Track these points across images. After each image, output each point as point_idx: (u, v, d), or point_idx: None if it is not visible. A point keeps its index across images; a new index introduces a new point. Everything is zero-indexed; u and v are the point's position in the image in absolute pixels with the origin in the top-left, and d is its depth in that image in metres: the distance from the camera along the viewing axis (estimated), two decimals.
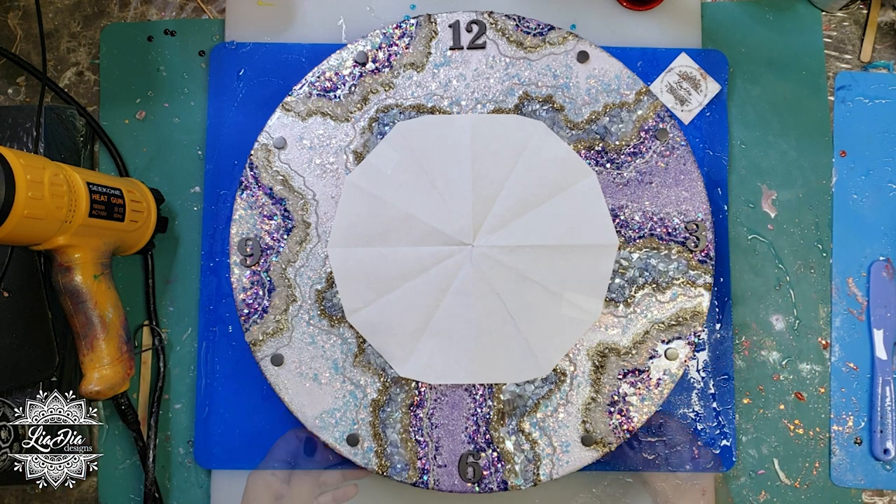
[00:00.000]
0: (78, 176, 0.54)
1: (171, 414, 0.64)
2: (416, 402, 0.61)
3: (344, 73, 0.64)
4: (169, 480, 0.64)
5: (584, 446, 0.60)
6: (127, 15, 0.70)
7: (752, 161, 0.67)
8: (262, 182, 0.63)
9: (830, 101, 0.68)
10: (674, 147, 0.63)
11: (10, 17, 0.70)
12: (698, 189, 0.63)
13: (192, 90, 0.68)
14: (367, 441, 0.60)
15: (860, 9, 0.70)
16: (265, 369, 0.61)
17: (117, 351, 0.58)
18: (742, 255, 0.66)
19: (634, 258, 0.62)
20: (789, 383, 0.65)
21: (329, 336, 0.61)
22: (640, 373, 0.60)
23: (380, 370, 0.61)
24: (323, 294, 0.62)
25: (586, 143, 0.63)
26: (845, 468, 0.63)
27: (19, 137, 0.64)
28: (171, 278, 0.66)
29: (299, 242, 0.62)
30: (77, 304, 0.56)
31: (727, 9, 0.69)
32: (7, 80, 0.69)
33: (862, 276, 0.66)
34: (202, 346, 0.64)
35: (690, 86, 0.67)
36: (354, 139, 0.63)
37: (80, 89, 0.69)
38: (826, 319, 0.66)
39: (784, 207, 0.67)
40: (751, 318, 0.65)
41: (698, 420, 0.63)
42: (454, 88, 0.64)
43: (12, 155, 0.49)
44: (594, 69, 0.64)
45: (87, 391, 0.57)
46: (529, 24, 0.64)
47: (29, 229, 0.50)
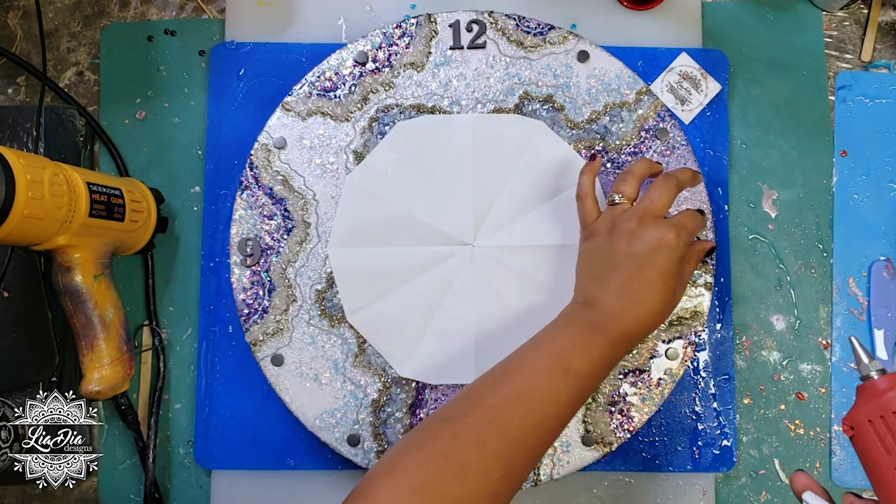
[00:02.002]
0: (78, 176, 0.54)
1: (171, 414, 0.64)
2: (417, 402, 0.61)
3: (344, 72, 0.64)
4: (169, 480, 0.64)
5: (584, 446, 0.59)
6: (127, 15, 0.70)
7: (752, 161, 0.67)
8: (263, 182, 0.63)
9: (831, 100, 0.68)
10: (674, 147, 0.63)
11: (10, 17, 0.70)
12: (699, 189, 0.63)
13: (192, 90, 0.68)
14: (368, 441, 0.60)
15: (861, 8, 0.70)
16: (265, 369, 0.61)
17: (117, 351, 0.58)
18: (743, 254, 0.66)
19: None
20: (790, 383, 0.65)
21: (329, 336, 0.61)
22: (640, 373, 0.60)
23: (380, 370, 0.61)
24: (323, 294, 0.62)
25: (587, 143, 0.63)
26: (846, 468, 0.63)
27: (19, 137, 0.64)
28: (171, 278, 0.66)
29: (299, 242, 0.62)
30: (77, 304, 0.56)
31: (728, 8, 0.69)
32: (7, 80, 0.69)
33: (863, 276, 0.66)
34: (202, 346, 0.64)
35: (691, 85, 0.67)
36: (354, 139, 0.63)
37: (80, 89, 0.69)
38: (827, 319, 0.66)
39: (785, 207, 0.67)
40: (751, 318, 0.65)
41: (698, 420, 0.63)
42: (454, 88, 0.64)
43: (12, 155, 0.49)
44: (594, 69, 0.64)
45: (87, 391, 0.57)
46: (530, 23, 0.64)
47: (29, 229, 0.50)
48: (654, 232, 0.51)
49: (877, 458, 0.38)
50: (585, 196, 0.57)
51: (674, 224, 0.52)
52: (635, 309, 0.50)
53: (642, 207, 0.53)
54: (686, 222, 0.52)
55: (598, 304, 0.51)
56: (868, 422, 0.39)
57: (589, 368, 0.49)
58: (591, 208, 0.56)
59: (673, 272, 0.51)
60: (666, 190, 0.53)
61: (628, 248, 0.51)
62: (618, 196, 0.55)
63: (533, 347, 0.51)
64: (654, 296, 0.50)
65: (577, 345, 0.49)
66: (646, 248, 0.50)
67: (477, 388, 0.49)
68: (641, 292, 0.50)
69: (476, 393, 0.49)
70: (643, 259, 0.50)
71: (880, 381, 0.40)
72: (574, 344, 0.49)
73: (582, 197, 0.57)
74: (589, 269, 0.54)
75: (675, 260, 0.51)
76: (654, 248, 0.50)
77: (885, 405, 0.39)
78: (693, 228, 0.53)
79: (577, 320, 0.51)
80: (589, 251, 0.55)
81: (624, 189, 0.55)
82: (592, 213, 0.56)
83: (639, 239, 0.51)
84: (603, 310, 0.50)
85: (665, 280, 0.50)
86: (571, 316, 0.52)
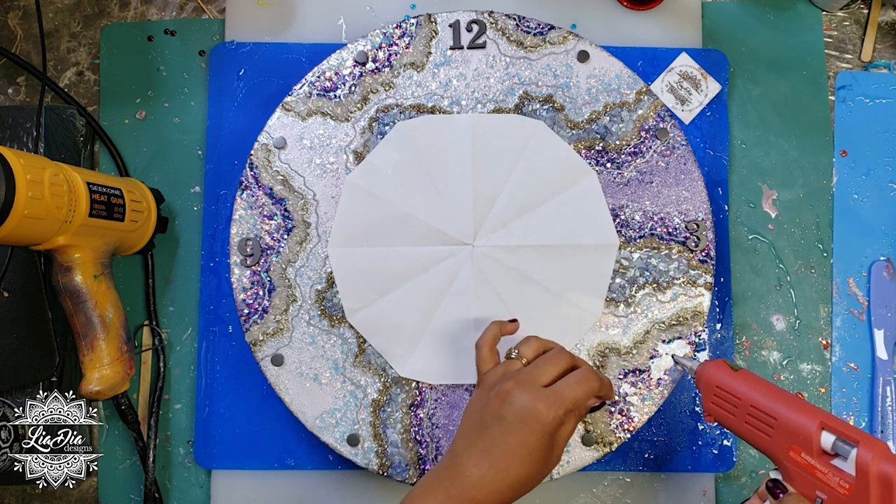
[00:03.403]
0: (78, 176, 0.54)
1: (171, 414, 0.64)
2: (417, 402, 0.61)
3: (344, 72, 0.64)
4: (169, 480, 0.64)
5: (584, 446, 0.59)
6: (127, 15, 0.70)
7: (752, 161, 0.67)
8: (262, 182, 0.63)
9: (831, 100, 0.68)
10: (674, 147, 0.63)
11: (10, 17, 0.70)
12: (699, 189, 0.63)
13: (192, 90, 0.68)
14: (368, 441, 0.60)
15: (861, 8, 0.70)
16: (265, 369, 0.61)
17: (117, 351, 0.58)
18: (743, 254, 0.66)
19: (635, 258, 0.62)
20: (790, 383, 0.65)
21: (329, 336, 0.61)
22: (640, 372, 0.60)
23: (380, 370, 0.61)
24: (323, 294, 0.62)
25: (587, 143, 0.63)
26: None
27: (19, 137, 0.64)
28: (171, 278, 0.66)
29: (299, 242, 0.62)
30: (77, 304, 0.56)
31: (728, 8, 0.69)
32: (7, 80, 0.69)
33: (862, 275, 0.66)
34: (202, 346, 0.64)
35: (691, 85, 0.67)
36: (354, 139, 0.63)
37: (80, 89, 0.69)
38: (827, 319, 0.66)
39: (785, 207, 0.67)
40: (751, 318, 0.65)
41: (698, 420, 0.63)
42: (454, 88, 0.64)
43: (12, 155, 0.49)
44: (594, 69, 0.64)
45: (87, 391, 0.57)
46: (530, 23, 0.64)
47: (29, 229, 0.50)
48: (525, 400, 0.47)
49: (730, 423, 0.49)
50: (483, 345, 0.53)
51: (550, 395, 0.47)
52: (494, 478, 0.46)
53: (525, 371, 0.49)
54: (568, 392, 0.47)
55: (459, 466, 0.47)
56: (712, 403, 0.50)
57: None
58: (486, 357, 0.53)
59: (539, 445, 0.46)
60: (555, 364, 0.49)
61: (499, 410, 0.47)
62: (515, 353, 0.52)
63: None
64: (516, 467, 0.46)
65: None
66: (513, 414, 0.47)
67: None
68: (503, 460, 0.46)
69: None
70: (508, 426, 0.47)
71: (701, 371, 0.51)
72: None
73: (480, 345, 0.54)
74: (465, 421, 0.50)
75: (543, 434, 0.46)
76: (521, 417, 0.47)
77: (710, 385, 0.50)
78: (578, 397, 0.47)
79: (433, 490, 0.47)
80: (471, 402, 0.51)
81: (524, 349, 0.51)
82: (487, 362, 0.53)
83: (509, 403, 0.47)
84: (462, 475, 0.47)
85: (528, 454, 0.46)
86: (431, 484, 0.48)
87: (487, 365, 0.53)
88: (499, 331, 0.55)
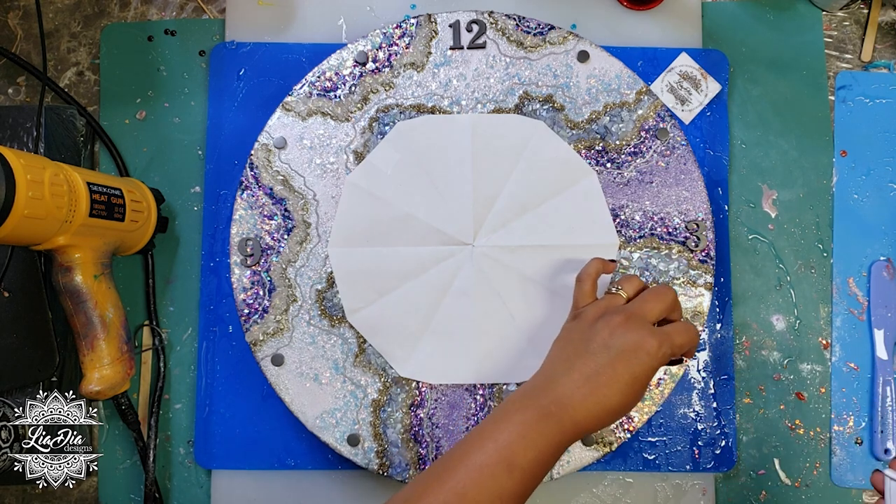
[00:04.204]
0: (78, 176, 0.54)
1: (171, 414, 0.64)
2: (417, 402, 0.61)
3: (344, 72, 0.64)
4: (169, 480, 0.64)
5: (584, 446, 0.59)
6: (127, 15, 0.70)
7: (752, 161, 0.67)
8: (263, 182, 0.63)
9: (831, 100, 0.68)
10: (674, 147, 0.63)
11: (10, 17, 0.70)
12: (699, 189, 0.63)
13: (193, 90, 0.68)
14: (368, 441, 0.60)
15: (861, 8, 0.70)
16: (265, 369, 0.61)
17: (117, 351, 0.58)
18: (743, 254, 0.66)
19: (635, 258, 0.62)
20: (790, 383, 0.65)
21: (329, 336, 0.61)
22: None
23: (380, 370, 0.61)
24: (323, 294, 0.62)
25: (587, 143, 0.63)
26: (846, 468, 0.63)
27: (19, 137, 0.64)
28: (171, 278, 0.66)
29: (299, 242, 0.62)
30: (77, 304, 0.56)
31: (728, 8, 0.69)
32: (7, 80, 0.69)
33: (863, 275, 0.66)
34: (202, 346, 0.64)
35: (691, 85, 0.67)
36: (355, 139, 0.63)
37: (80, 89, 0.69)
38: (827, 319, 0.66)
39: (785, 207, 0.67)
40: (751, 318, 0.65)
41: (698, 420, 0.63)
42: (454, 88, 0.64)
43: (12, 155, 0.49)
44: (594, 69, 0.64)
45: (87, 391, 0.57)
46: (530, 23, 0.64)
47: (29, 229, 0.50)
48: (638, 334, 0.49)
49: None
50: (587, 278, 0.56)
51: (660, 333, 0.50)
52: (594, 401, 0.48)
53: (635, 307, 0.51)
54: (674, 336, 0.50)
55: (557, 388, 0.49)
56: None
57: (535, 462, 0.47)
58: (588, 291, 0.55)
59: (642, 378, 0.49)
60: (662, 300, 0.52)
61: (608, 340, 0.49)
62: (617, 288, 0.54)
63: (478, 439, 0.48)
64: (616, 394, 0.48)
65: (523, 437, 0.47)
66: (625, 345, 0.49)
67: (420, 486, 0.47)
68: (606, 386, 0.48)
69: (419, 491, 0.46)
70: (618, 355, 0.49)
71: None
72: (520, 436, 0.47)
73: (582, 279, 0.56)
74: (562, 348, 0.52)
75: (650, 368, 0.49)
76: (633, 348, 0.49)
77: None
78: (681, 344, 0.50)
79: (528, 406, 0.48)
80: (569, 331, 0.53)
81: (626, 286, 0.54)
82: (587, 296, 0.55)
83: (620, 335, 0.49)
84: (561, 395, 0.48)
85: (633, 383, 0.48)
86: (523, 401, 0.49)
87: (588, 299, 0.55)
88: (602, 267, 0.57)
